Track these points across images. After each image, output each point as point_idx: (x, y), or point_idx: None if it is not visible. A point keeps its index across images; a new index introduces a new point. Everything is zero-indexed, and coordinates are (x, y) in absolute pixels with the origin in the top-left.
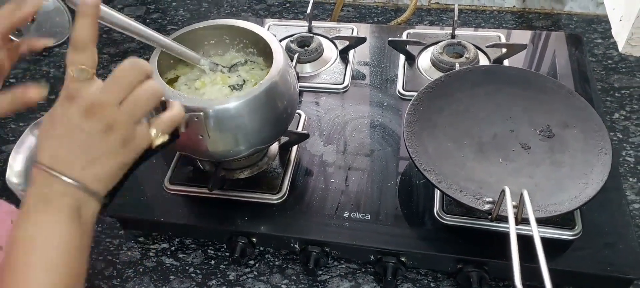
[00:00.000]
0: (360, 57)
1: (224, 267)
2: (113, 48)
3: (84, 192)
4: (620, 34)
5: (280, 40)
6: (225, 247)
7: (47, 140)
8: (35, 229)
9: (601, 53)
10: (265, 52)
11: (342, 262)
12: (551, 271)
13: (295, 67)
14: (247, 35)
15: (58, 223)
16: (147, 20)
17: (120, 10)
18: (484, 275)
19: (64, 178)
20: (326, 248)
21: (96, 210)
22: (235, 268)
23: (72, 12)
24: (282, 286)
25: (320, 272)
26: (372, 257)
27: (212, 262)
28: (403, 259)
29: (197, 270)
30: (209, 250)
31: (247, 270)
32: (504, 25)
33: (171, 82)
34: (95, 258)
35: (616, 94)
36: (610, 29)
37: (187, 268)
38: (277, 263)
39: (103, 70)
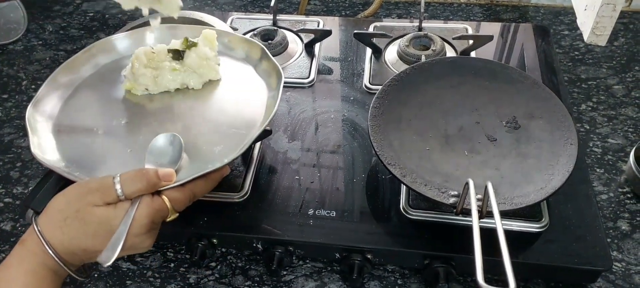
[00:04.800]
0: (326, 51)
1: (183, 269)
2: (70, 44)
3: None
4: (585, 24)
5: (244, 34)
6: (185, 249)
7: (67, 225)
8: (5, 282)
9: (568, 44)
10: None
11: (307, 261)
12: (518, 264)
13: None
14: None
15: (25, 282)
16: (107, 16)
17: (78, 5)
18: (451, 271)
19: (55, 257)
20: (290, 247)
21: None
22: (196, 271)
23: (26, 7)
24: None
25: (285, 272)
26: (338, 255)
27: (172, 264)
28: (369, 256)
29: (156, 274)
30: (168, 253)
31: (209, 272)
32: (471, 17)
33: None
34: None
35: (583, 85)
36: (576, 20)
37: (145, 272)
38: (239, 264)
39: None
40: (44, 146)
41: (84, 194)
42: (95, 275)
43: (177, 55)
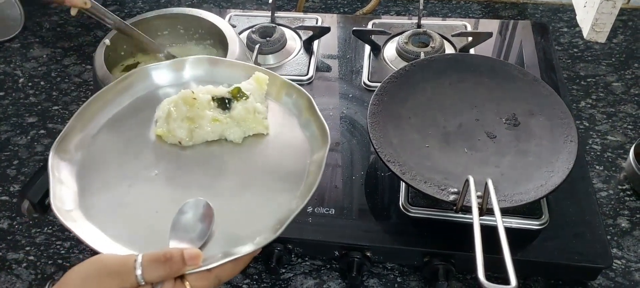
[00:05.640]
0: (325, 48)
1: None
2: (67, 42)
3: None
4: (585, 20)
5: (242, 31)
6: None
7: None
8: None
9: (567, 42)
10: (222, 43)
11: (306, 259)
12: (518, 262)
13: (256, 58)
14: (202, 24)
15: None
16: None
17: None
18: (450, 268)
19: None
20: (289, 245)
21: None
22: None
23: (23, 4)
24: (244, 286)
25: (284, 270)
26: (337, 253)
27: None
28: (368, 254)
29: None
30: None
31: None
32: (470, 14)
33: (129, 68)
34: (44, 262)
35: (582, 82)
36: (575, 17)
37: None
38: None
39: (56, 65)
40: (66, 198)
41: (101, 276)
42: None
43: (223, 104)
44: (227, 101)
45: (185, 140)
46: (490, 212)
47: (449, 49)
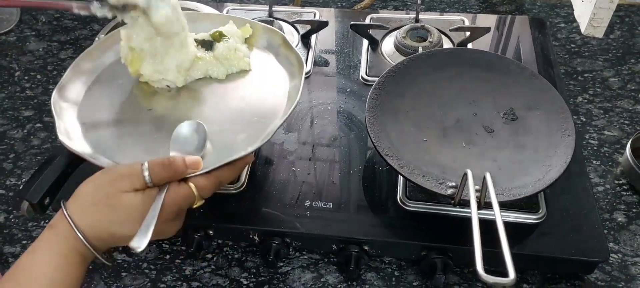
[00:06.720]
0: (322, 43)
1: (179, 261)
2: (63, 35)
3: (90, 250)
4: (583, 15)
5: None
6: (180, 240)
7: (96, 211)
8: (35, 265)
9: (564, 37)
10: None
11: (303, 252)
12: (515, 255)
13: None
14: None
15: (55, 265)
16: None
17: None
18: (448, 262)
19: (85, 242)
20: (287, 239)
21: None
22: (192, 263)
23: None
24: (242, 279)
25: (281, 264)
26: (335, 247)
27: (167, 256)
28: (366, 248)
29: (151, 266)
30: (163, 245)
31: (204, 264)
32: (468, 9)
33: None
34: None
35: (579, 78)
36: (573, 13)
37: (140, 264)
38: (236, 256)
39: (52, 58)
40: (71, 132)
41: (113, 180)
42: (90, 267)
43: (207, 45)
44: (210, 44)
45: (180, 81)
46: (487, 206)
47: (447, 44)
